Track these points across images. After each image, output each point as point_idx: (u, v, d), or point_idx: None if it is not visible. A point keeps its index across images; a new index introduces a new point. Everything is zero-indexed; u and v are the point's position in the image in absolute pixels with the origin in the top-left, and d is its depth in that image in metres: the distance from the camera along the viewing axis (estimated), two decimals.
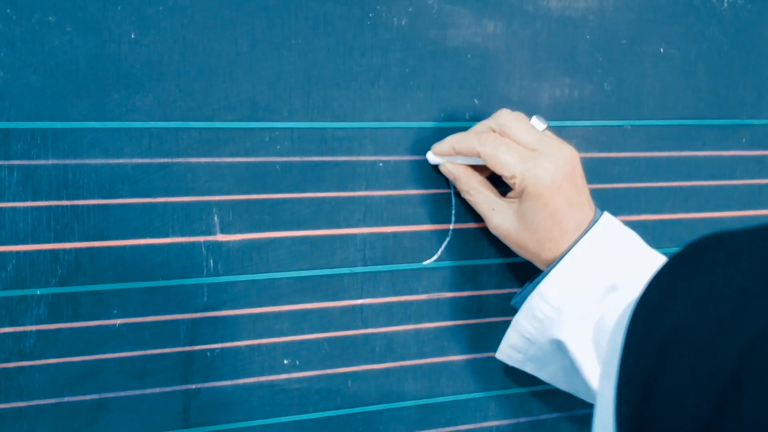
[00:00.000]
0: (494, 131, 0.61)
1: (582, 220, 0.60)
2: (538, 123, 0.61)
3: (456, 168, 0.62)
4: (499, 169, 0.59)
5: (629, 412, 0.28)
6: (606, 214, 0.61)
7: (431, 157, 0.63)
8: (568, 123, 0.68)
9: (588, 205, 0.61)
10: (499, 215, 0.61)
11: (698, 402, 0.25)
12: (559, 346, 0.61)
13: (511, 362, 0.64)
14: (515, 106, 0.66)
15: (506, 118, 0.60)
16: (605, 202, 0.69)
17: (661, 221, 0.72)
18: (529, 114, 0.62)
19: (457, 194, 0.65)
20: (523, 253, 0.62)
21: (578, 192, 0.60)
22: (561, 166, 0.58)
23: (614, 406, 0.29)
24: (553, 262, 0.60)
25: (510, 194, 0.63)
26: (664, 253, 0.63)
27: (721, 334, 0.26)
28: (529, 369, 0.64)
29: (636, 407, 0.27)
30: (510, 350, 0.63)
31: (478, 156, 0.60)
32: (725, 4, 0.71)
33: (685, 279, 0.29)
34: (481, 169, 0.63)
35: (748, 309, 0.26)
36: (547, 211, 0.59)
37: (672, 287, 0.29)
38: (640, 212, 0.71)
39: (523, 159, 0.58)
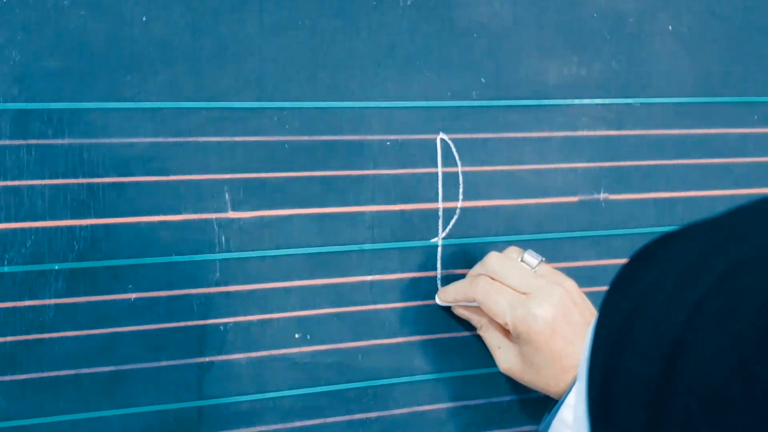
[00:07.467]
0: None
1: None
2: (530, 259, 0.62)
3: (465, 310, 0.65)
4: (492, 316, 0.61)
5: (594, 405, 0.30)
6: None
7: (439, 301, 0.65)
8: (576, 101, 0.68)
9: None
10: (503, 353, 0.63)
11: (650, 366, 0.27)
12: None
13: None
14: (522, 85, 0.66)
15: (494, 263, 0.61)
16: (615, 180, 0.70)
17: (671, 199, 0.72)
18: (524, 248, 0.63)
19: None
20: (535, 389, 0.63)
21: (574, 329, 0.59)
22: (552, 309, 0.59)
23: (586, 402, 0.31)
24: (565, 391, 0.60)
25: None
26: None
27: (668, 304, 0.28)
28: None
29: (600, 391, 0.29)
30: None
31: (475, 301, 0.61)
32: None
33: (641, 269, 0.31)
34: None
35: (692, 282, 0.28)
36: (544, 354, 0.59)
37: (630, 279, 0.31)
38: (649, 190, 0.71)
39: (514, 305, 0.59)
